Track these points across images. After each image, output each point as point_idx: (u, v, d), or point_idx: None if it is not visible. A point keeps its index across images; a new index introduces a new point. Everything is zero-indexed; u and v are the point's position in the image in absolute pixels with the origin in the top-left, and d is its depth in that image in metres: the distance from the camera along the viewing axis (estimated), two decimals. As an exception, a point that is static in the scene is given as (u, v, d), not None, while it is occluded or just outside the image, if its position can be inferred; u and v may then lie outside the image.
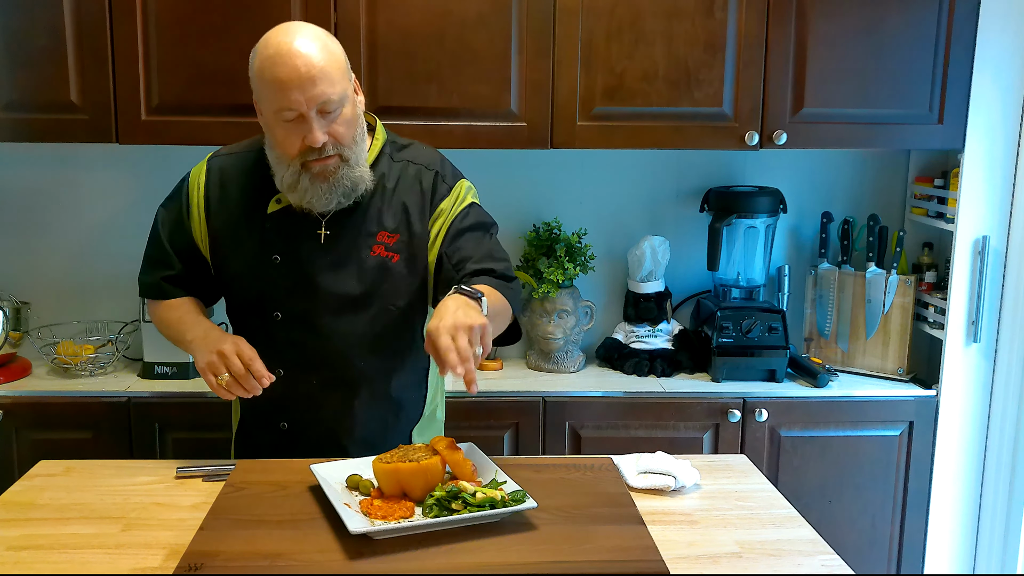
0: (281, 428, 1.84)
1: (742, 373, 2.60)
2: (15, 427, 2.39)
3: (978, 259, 2.52)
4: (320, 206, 1.72)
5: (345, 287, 1.77)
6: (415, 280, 1.80)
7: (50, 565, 1.38)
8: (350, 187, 1.71)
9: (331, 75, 1.64)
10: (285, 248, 1.77)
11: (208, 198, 1.81)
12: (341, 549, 1.38)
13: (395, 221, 1.78)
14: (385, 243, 1.77)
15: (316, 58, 1.63)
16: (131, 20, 2.35)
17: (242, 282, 1.82)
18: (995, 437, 2.59)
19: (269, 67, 1.64)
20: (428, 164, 1.83)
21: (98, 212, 2.73)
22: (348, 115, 1.69)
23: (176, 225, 1.84)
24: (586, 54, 2.42)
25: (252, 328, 1.81)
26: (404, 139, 1.88)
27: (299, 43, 1.64)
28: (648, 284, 2.72)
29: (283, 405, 1.82)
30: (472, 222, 1.79)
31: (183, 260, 1.84)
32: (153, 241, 1.87)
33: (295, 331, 1.79)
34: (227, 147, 1.89)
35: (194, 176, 1.85)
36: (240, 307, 1.86)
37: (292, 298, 1.78)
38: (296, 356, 1.79)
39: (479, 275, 1.70)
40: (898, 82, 2.47)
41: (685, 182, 2.82)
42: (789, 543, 1.50)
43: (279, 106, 1.64)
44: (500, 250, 1.80)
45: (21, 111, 2.39)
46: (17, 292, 2.65)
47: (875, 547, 2.60)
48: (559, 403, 2.48)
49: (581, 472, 1.70)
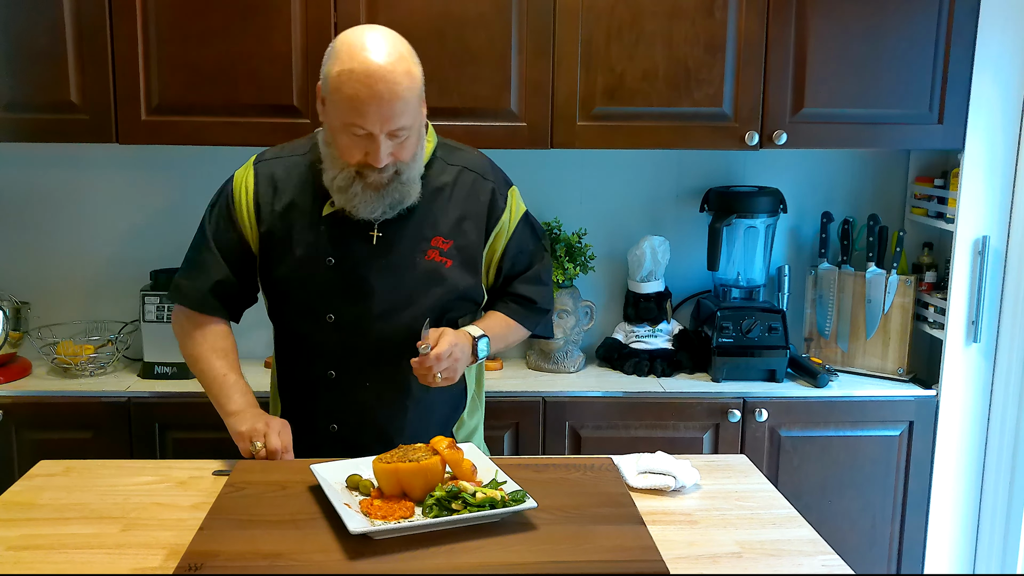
0: (331, 430, 1.83)
1: (742, 373, 2.60)
2: (15, 427, 2.39)
3: (978, 259, 2.52)
4: (365, 213, 1.72)
5: (398, 290, 1.77)
6: (466, 285, 1.81)
7: (50, 565, 1.38)
8: (398, 199, 1.72)
9: (410, 103, 1.63)
10: (339, 251, 1.76)
11: (259, 202, 1.79)
12: (341, 549, 1.37)
13: (450, 227, 1.79)
14: (439, 248, 1.78)
15: (400, 86, 1.60)
16: (131, 20, 2.35)
17: (294, 285, 1.80)
18: (995, 437, 2.59)
19: (349, 81, 1.60)
20: (484, 173, 1.84)
21: (98, 212, 2.73)
22: (415, 138, 1.69)
23: (226, 229, 1.82)
24: (586, 54, 2.42)
25: (303, 331, 1.81)
26: (449, 140, 1.88)
27: (386, 64, 1.60)
28: (648, 284, 2.72)
29: (334, 407, 1.82)
30: (527, 238, 1.89)
31: (233, 266, 1.82)
32: (199, 246, 1.85)
33: (347, 333, 1.78)
34: (271, 150, 1.87)
35: (239, 179, 1.83)
36: (290, 310, 1.84)
37: (345, 301, 1.77)
38: (348, 358, 1.79)
39: (509, 299, 1.90)
40: (898, 82, 2.47)
41: (685, 182, 2.82)
42: (789, 543, 1.50)
43: (351, 122, 1.62)
44: (548, 270, 1.95)
45: (21, 111, 2.39)
46: (17, 292, 2.65)
47: (875, 547, 2.60)
48: (559, 403, 2.48)
49: (581, 472, 1.70)
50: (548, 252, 1.97)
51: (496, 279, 1.89)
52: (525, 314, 1.91)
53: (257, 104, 2.40)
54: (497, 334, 1.84)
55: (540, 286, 1.92)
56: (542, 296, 1.93)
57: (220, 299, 1.83)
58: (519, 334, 1.93)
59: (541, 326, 1.97)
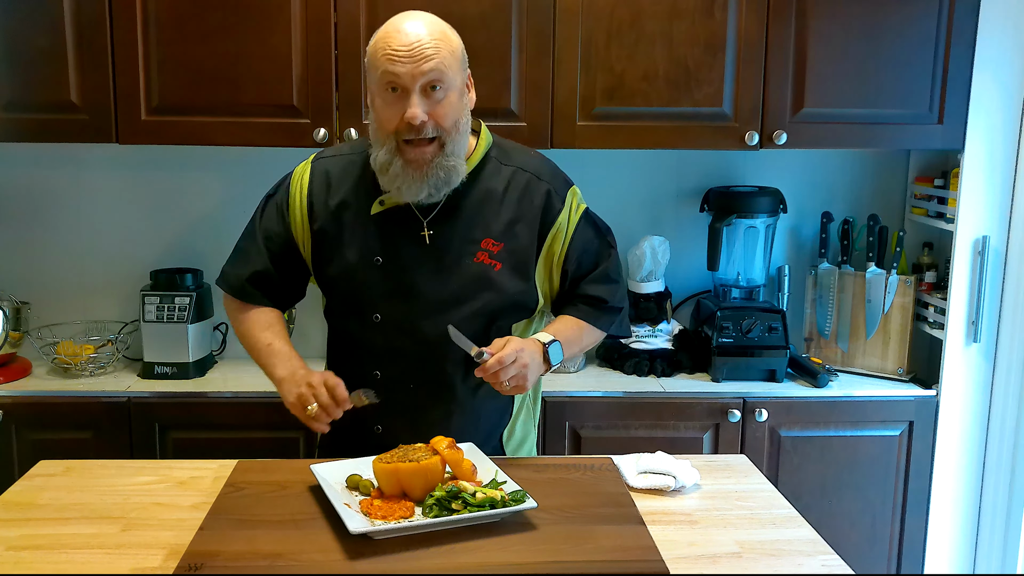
0: (375, 431, 1.81)
1: (742, 373, 2.60)
2: (15, 427, 2.39)
3: (978, 259, 2.52)
4: (410, 195, 1.69)
5: (445, 291, 1.75)
6: (515, 289, 1.77)
7: (50, 565, 1.38)
8: (443, 178, 1.68)
9: (442, 55, 1.64)
10: (387, 250, 1.75)
11: (312, 199, 1.79)
12: (341, 549, 1.38)
13: (502, 230, 1.76)
14: (489, 251, 1.75)
15: (431, 37, 1.63)
16: (131, 20, 2.35)
17: (343, 283, 1.79)
18: (995, 437, 2.59)
19: (383, 38, 1.65)
20: (539, 174, 1.80)
21: (98, 212, 2.73)
22: (454, 100, 1.67)
23: (275, 222, 1.81)
24: (586, 54, 2.42)
25: (350, 330, 1.80)
26: (506, 141, 1.86)
27: (418, 22, 1.65)
28: (648, 284, 2.72)
29: (379, 407, 1.78)
30: (590, 237, 1.84)
31: (274, 258, 1.81)
32: (248, 234, 1.85)
33: (393, 334, 1.77)
34: (331, 148, 1.88)
35: (297, 175, 1.82)
36: (339, 309, 1.83)
37: (392, 301, 1.76)
38: (394, 359, 1.78)
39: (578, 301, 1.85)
40: (898, 82, 2.47)
41: (685, 182, 2.82)
42: (789, 543, 1.50)
43: (385, 77, 1.63)
44: (616, 267, 1.89)
45: (21, 111, 2.39)
46: (17, 292, 2.65)
47: (875, 547, 2.60)
48: (559, 403, 2.48)
49: (581, 472, 1.70)
50: (614, 249, 1.90)
51: (563, 282, 1.84)
52: (596, 315, 1.86)
53: (257, 104, 2.40)
54: (569, 338, 1.79)
55: (610, 284, 1.86)
56: (613, 294, 1.86)
57: (259, 288, 1.83)
58: (593, 336, 1.88)
59: (615, 325, 1.91)
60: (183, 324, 2.52)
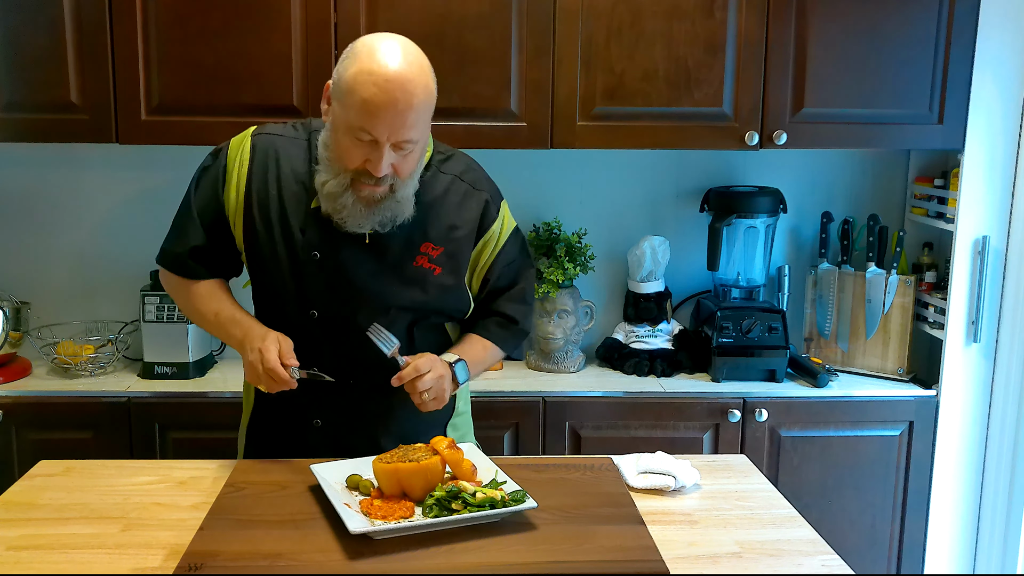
0: (315, 425, 1.82)
1: (742, 373, 2.60)
2: (15, 427, 2.39)
3: (978, 259, 2.52)
4: (353, 226, 1.69)
5: (385, 294, 1.75)
6: (453, 292, 1.80)
7: (50, 565, 1.39)
8: (390, 217, 1.69)
9: (422, 117, 1.61)
10: (326, 247, 1.73)
11: (251, 176, 1.75)
12: (341, 549, 1.38)
13: (441, 235, 1.77)
14: (429, 255, 1.76)
15: (416, 98, 1.58)
16: (131, 20, 2.35)
17: (277, 274, 1.77)
18: (995, 437, 2.59)
19: (366, 83, 1.55)
20: (476, 184, 1.82)
21: (98, 212, 2.73)
22: (418, 154, 1.67)
23: (209, 197, 1.78)
24: (586, 54, 2.42)
25: (284, 323, 1.78)
26: (444, 146, 1.85)
27: (407, 72, 1.57)
28: (648, 284, 2.72)
29: (317, 402, 1.80)
30: (515, 252, 1.87)
31: (210, 233, 1.79)
32: (183, 210, 1.83)
33: (331, 331, 1.77)
34: (272, 126, 1.82)
35: (235, 148, 1.78)
36: (272, 298, 1.81)
37: (329, 299, 1.75)
38: (331, 355, 1.77)
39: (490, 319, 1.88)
40: (898, 82, 2.47)
41: (685, 182, 2.82)
42: (789, 543, 1.50)
43: (359, 126, 1.58)
44: (532, 290, 1.94)
45: (21, 111, 2.39)
46: (17, 292, 2.65)
47: (875, 547, 2.60)
48: (559, 403, 2.48)
49: (581, 472, 1.70)
50: (534, 270, 1.94)
51: (480, 291, 1.87)
52: (504, 336, 1.89)
53: (257, 104, 2.39)
54: (474, 359, 1.82)
55: (524, 305, 1.90)
56: (525, 317, 1.91)
57: (199, 262, 1.81)
58: (496, 357, 1.91)
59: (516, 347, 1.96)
60: (183, 324, 2.52)
